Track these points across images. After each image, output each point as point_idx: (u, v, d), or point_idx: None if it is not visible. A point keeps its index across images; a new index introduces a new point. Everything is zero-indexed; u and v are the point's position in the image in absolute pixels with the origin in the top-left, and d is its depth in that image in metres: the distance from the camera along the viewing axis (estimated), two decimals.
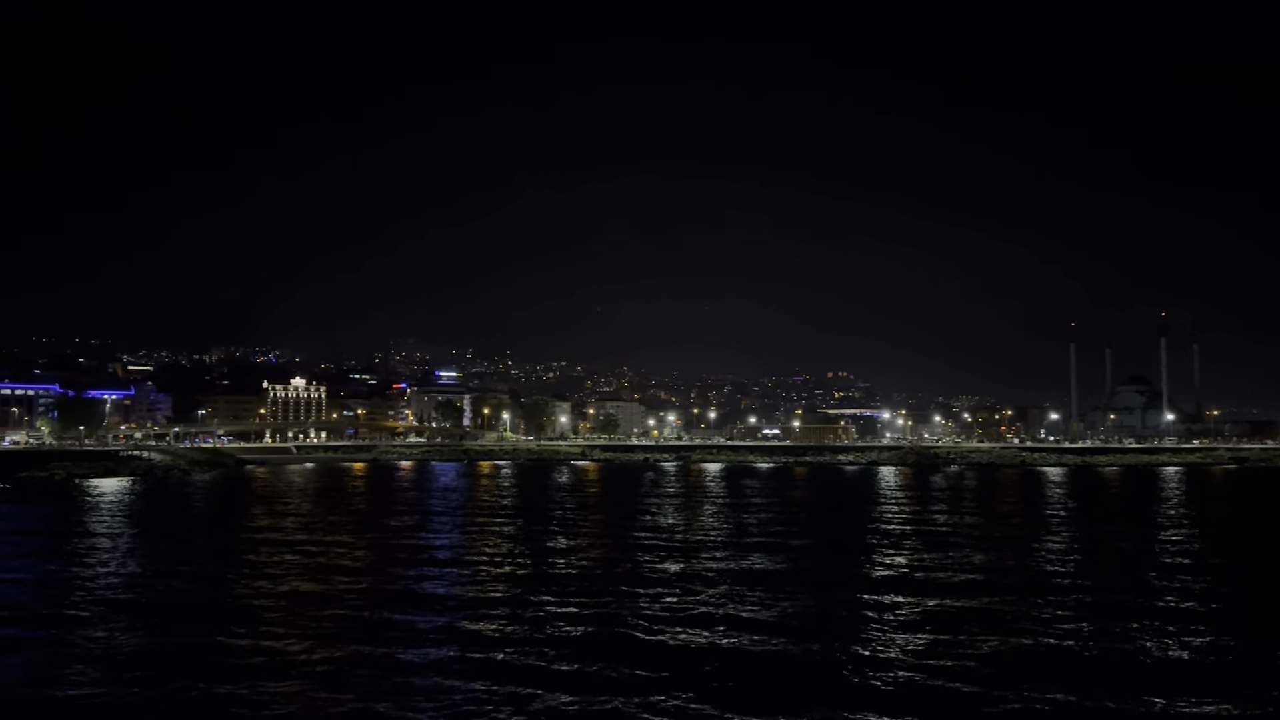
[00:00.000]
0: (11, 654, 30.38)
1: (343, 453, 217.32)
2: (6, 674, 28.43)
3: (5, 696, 26.17)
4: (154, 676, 27.81)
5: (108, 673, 28.40)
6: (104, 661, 29.59)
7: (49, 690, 26.52)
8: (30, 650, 30.94)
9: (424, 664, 28.98)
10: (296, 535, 63.93)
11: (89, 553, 54.98)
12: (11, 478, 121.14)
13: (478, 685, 26.65)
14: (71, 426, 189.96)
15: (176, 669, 28.51)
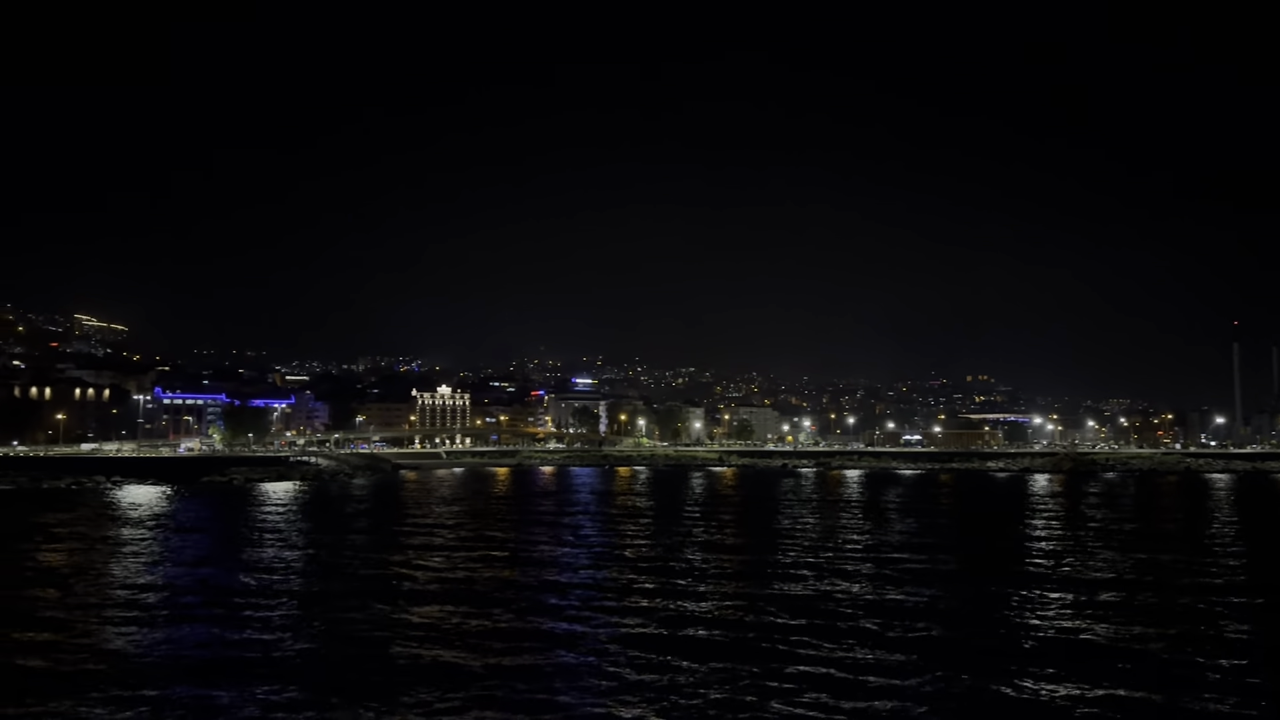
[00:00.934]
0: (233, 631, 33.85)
1: (488, 458, 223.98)
2: (204, 642, 32.90)
3: (199, 659, 30.49)
4: (323, 652, 31.72)
5: (294, 643, 32.84)
6: (293, 633, 34.30)
7: (231, 654, 31.20)
8: (234, 627, 34.51)
9: (569, 661, 30.39)
10: (458, 532, 68.02)
11: (276, 546, 59.31)
12: (195, 483, 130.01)
13: (618, 677, 28.25)
14: (240, 434, 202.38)
15: (346, 645, 32.47)
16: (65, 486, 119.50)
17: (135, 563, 53.36)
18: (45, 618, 37.10)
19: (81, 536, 67.08)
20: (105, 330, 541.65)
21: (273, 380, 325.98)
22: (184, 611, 38.37)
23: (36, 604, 40.20)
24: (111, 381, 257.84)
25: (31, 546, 60.74)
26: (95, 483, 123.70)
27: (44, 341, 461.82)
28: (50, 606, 39.62)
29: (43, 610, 38.64)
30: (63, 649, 31.75)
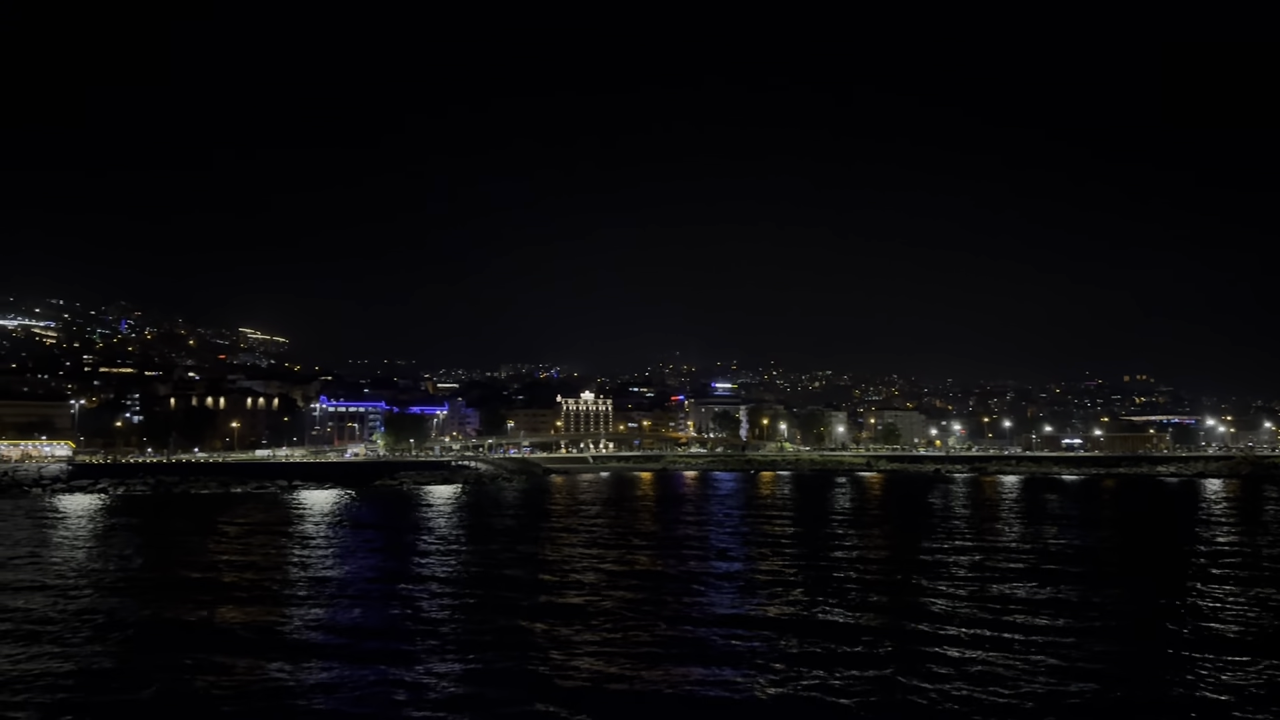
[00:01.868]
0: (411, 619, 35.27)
1: (633, 462, 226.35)
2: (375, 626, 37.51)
3: (380, 636, 35.82)
4: (484, 638, 34.24)
5: (459, 630, 36.83)
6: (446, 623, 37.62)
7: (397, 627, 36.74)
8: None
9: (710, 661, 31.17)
10: (617, 531, 71.44)
11: (451, 544, 62.34)
12: (368, 486, 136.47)
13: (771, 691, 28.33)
14: (402, 439, 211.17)
15: (506, 633, 35.72)
16: (252, 490, 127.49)
17: (326, 557, 57.32)
18: (260, 598, 42.87)
19: (277, 534, 71.63)
20: (268, 342, 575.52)
21: (425, 388, 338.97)
22: (372, 596, 43.57)
23: (251, 588, 44.22)
24: (279, 391, 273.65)
25: (239, 543, 65.15)
26: (278, 487, 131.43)
27: (213, 354, 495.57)
28: (260, 589, 44.50)
29: (257, 591, 43.74)
30: (280, 623, 37.46)
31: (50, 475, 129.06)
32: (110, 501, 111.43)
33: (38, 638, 35.26)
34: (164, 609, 41.11)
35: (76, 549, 63.80)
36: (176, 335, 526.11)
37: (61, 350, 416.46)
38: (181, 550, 62.96)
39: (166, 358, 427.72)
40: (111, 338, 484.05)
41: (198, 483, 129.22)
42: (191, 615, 39.78)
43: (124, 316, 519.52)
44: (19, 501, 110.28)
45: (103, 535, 73.25)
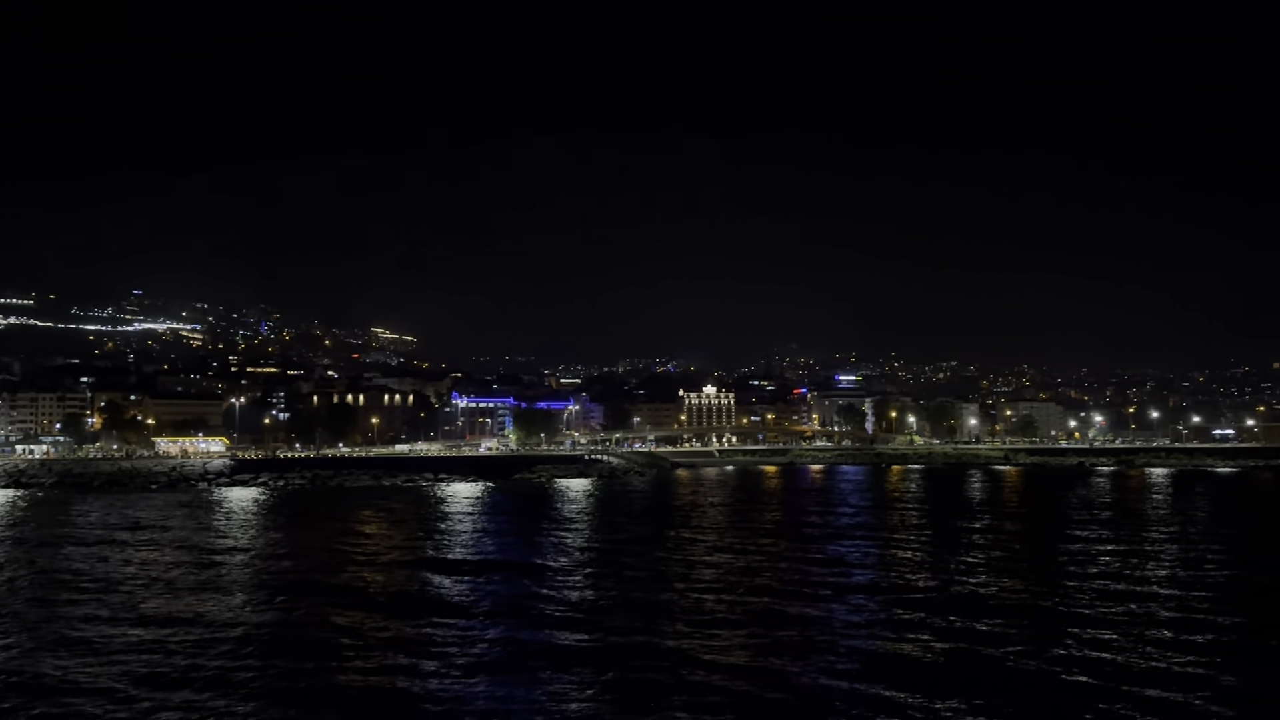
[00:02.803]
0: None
1: (759, 456, 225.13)
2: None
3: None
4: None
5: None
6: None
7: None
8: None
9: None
10: (750, 524, 71.63)
11: (593, 532, 62.51)
12: (508, 479, 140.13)
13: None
14: (533, 434, 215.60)
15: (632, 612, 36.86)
16: (401, 484, 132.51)
17: (488, 544, 59.29)
18: (435, 577, 44.67)
19: (436, 522, 74.50)
20: (397, 341, 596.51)
21: (548, 384, 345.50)
22: (530, 579, 45.55)
23: (426, 568, 46.01)
24: (413, 388, 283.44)
25: (402, 530, 67.78)
26: (425, 480, 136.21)
27: (347, 353, 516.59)
28: (435, 570, 45.93)
29: (436, 571, 44.88)
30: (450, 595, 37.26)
31: (214, 470, 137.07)
32: (270, 494, 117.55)
33: (244, 603, 37.72)
34: (363, 584, 43.30)
35: (257, 532, 67.73)
36: (313, 336, 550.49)
37: (207, 351, 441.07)
38: (357, 538, 66.04)
39: (304, 357, 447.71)
40: (253, 339, 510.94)
41: (350, 476, 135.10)
42: (373, 593, 41.87)
43: (264, 319, 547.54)
44: (187, 494, 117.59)
45: (292, 523, 77.39)
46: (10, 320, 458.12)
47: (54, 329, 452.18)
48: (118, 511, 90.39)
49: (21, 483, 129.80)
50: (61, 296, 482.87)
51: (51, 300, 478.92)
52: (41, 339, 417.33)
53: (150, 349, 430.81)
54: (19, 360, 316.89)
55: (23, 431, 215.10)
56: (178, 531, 72.56)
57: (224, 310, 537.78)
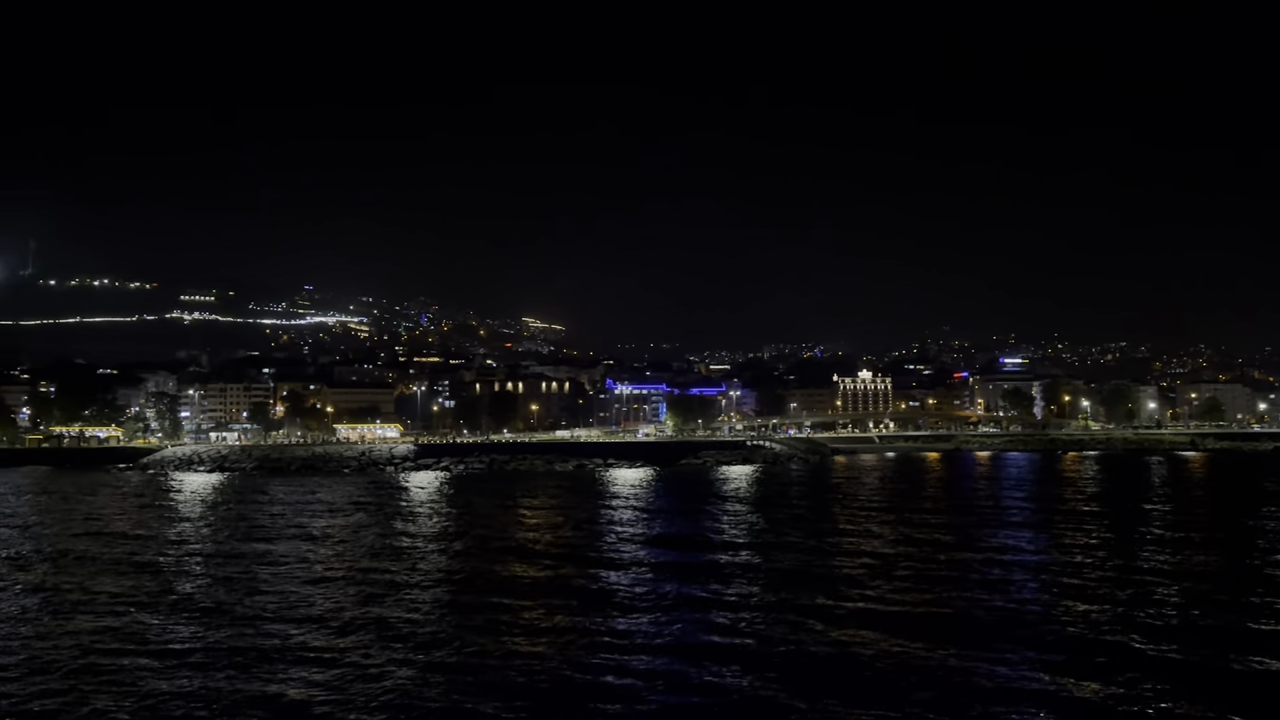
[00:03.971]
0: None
1: (921, 442, 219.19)
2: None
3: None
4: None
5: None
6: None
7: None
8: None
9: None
10: (921, 514, 68.81)
11: (776, 519, 61.59)
12: (674, 465, 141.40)
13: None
14: (690, 420, 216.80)
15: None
16: (572, 469, 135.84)
17: (671, 525, 58.95)
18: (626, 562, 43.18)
19: (616, 505, 75.65)
20: (547, 330, 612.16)
21: (698, 370, 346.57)
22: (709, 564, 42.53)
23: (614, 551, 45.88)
24: (568, 376, 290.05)
25: (586, 513, 69.29)
26: (594, 465, 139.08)
27: (500, 342, 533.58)
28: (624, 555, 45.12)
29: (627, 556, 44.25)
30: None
31: (400, 455, 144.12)
32: (452, 477, 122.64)
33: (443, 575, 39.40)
34: (550, 570, 44.59)
35: (448, 512, 70.79)
36: (469, 326, 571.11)
37: (374, 343, 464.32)
38: (545, 519, 68.12)
39: (462, 347, 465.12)
40: (414, 330, 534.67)
41: (524, 461, 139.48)
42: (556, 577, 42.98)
43: (423, 310, 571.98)
44: (376, 477, 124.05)
45: (480, 503, 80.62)
46: (194, 316, 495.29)
47: (234, 324, 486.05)
48: (323, 492, 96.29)
49: (225, 467, 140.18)
50: (240, 293, 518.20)
51: (231, 297, 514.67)
52: (223, 333, 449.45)
53: (322, 341, 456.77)
54: (206, 353, 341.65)
55: (214, 419, 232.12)
56: (375, 511, 76.60)
57: (387, 303, 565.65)
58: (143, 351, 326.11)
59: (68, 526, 67.79)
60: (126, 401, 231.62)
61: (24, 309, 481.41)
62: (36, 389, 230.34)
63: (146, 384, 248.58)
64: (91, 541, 59.07)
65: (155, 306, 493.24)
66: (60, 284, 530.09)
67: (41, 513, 78.93)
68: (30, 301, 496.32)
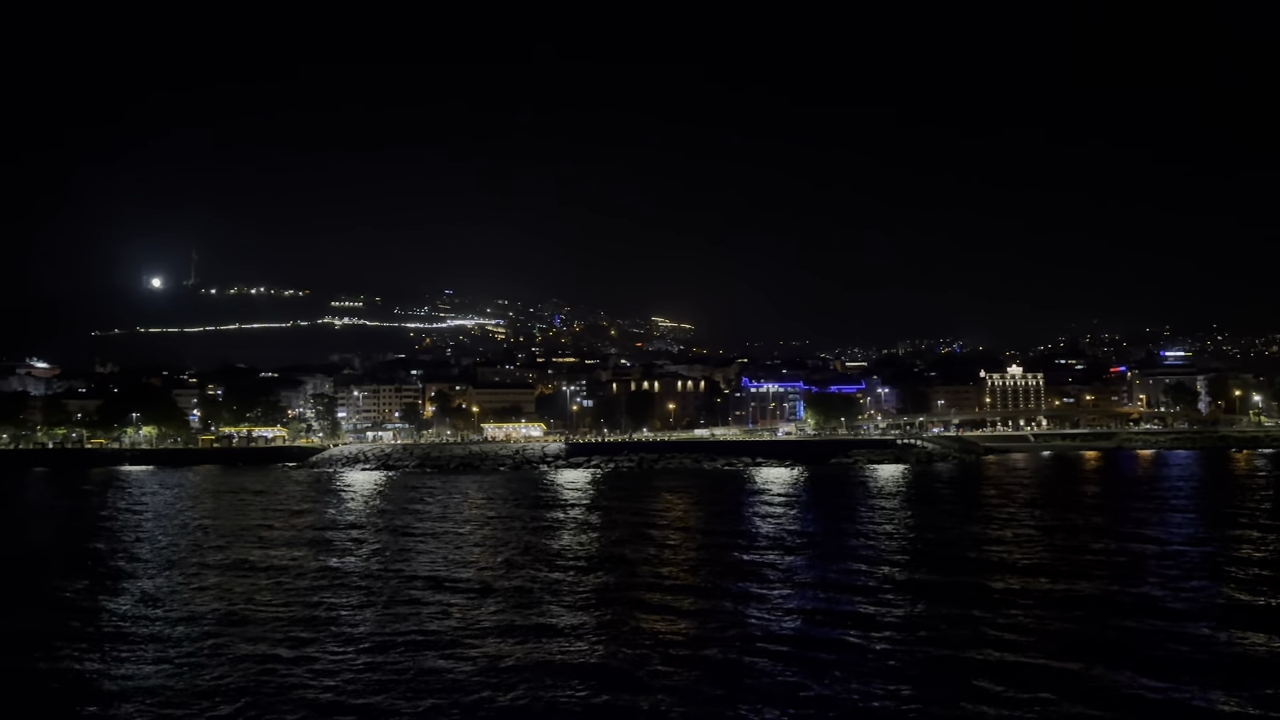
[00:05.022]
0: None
1: (1080, 440, 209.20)
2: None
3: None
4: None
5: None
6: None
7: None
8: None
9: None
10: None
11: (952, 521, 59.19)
12: (824, 464, 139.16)
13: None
14: (831, 418, 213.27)
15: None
16: (721, 467, 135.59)
17: (841, 526, 57.46)
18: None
19: (779, 505, 74.64)
20: (676, 330, 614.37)
21: (833, 368, 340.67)
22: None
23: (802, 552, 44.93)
24: (702, 375, 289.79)
25: (749, 511, 68.71)
26: (741, 463, 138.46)
27: (631, 342, 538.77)
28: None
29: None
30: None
31: (552, 453, 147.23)
32: (602, 475, 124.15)
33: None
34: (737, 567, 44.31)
35: (605, 508, 71.61)
36: (599, 326, 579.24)
37: (510, 344, 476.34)
38: (706, 517, 68.05)
39: (594, 347, 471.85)
40: (547, 331, 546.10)
41: (672, 459, 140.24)
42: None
43: (556, 312, 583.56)
44: (530, 475, 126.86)
45: (637, 500, 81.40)
46: (344, 321, 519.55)
47: (380, 328, 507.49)
48: (486, 488, 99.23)
49: (389, 464, 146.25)
50: (385, 299, 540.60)
51: (377, 302, 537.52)
52: (371, 337, 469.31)
53: (462, 343, 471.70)
54: (357, 356, 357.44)
55: (369, 419, 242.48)
56: (546, 506, 78.27)
57: (522, 305, 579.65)
58: (297, 356, 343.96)
59: (270, 519, 72.30)
60: (287, 403, 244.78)
61: (188, 317, 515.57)
62: (205, 392, 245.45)
63: (305, 386, 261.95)
64: (296, 532, 62.82)
65: (308, 313, 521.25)
66: (221, 293, 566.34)
67: (241, 507, 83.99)
68: (193, 310, 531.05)
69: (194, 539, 61.46)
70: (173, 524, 71.14)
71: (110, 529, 69.04)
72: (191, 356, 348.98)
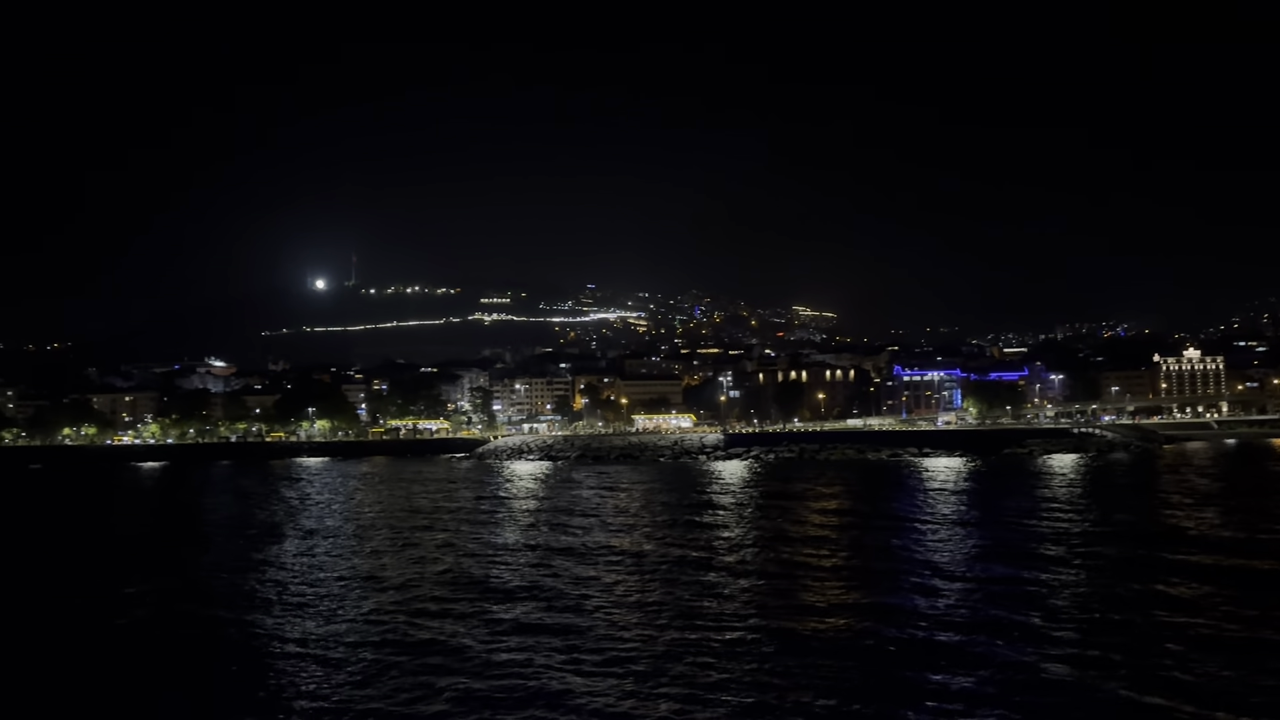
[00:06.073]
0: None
1: (1268, 427, 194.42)
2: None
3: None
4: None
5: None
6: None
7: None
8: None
9: None
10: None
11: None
12: (997, 454, 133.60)
13: None
14: (995, 407, 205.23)
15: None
16: (886, 458, 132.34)
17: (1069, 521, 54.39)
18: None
19: (972, 495, 71.89)
20: (818, 318, 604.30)
21: (991, 354, 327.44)
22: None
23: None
24: (851, 363, 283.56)
25: (949, 505, 66.34)
26: (909, 454, 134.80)
27: (772, 331, 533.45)
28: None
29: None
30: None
31: (710, 444, 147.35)
32: (763, 466, 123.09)
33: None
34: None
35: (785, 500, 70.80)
36: (739, 316, 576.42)
37: (651, 336, 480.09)
38: (888, 508, 66.26)
39: (734, 337, 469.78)
40: (688, 322, 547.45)
41: (835, 450, 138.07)
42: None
43: (696, 303, 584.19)
44: (692, 465, 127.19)
45: (814, 493, 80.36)
46: (493, 317, 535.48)
47: (527, 323, 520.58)
48: (653, 479, 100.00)
49: (552, 455, 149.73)
50: (530, 294, 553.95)
51: (523, 298, 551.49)
52: (518, 332, 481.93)
53: (605, 336, 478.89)
54: (508, 350, 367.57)
55: (523, 412, 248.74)
56: (719, 495, 78.20)
57: (662, 298, 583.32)
58: (449, 351, 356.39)
59: (458, 502, 75.46)
60: (446, 396, 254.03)
61: (350, 316, 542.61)
62: (370, 387, 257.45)
63: (462, 380, 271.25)
64: (524, 515, 66.81)
65: (459, 309, 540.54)
66: (379, 293, 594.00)
67: (449, 492, 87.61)
68: (354, 309, 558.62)
69: (438, 521, 66.67)
70: (399, 509, 75.91)
71: (364, 514, 73.50)
72: (355, 353, 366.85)
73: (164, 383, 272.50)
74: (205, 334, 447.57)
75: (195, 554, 55.12)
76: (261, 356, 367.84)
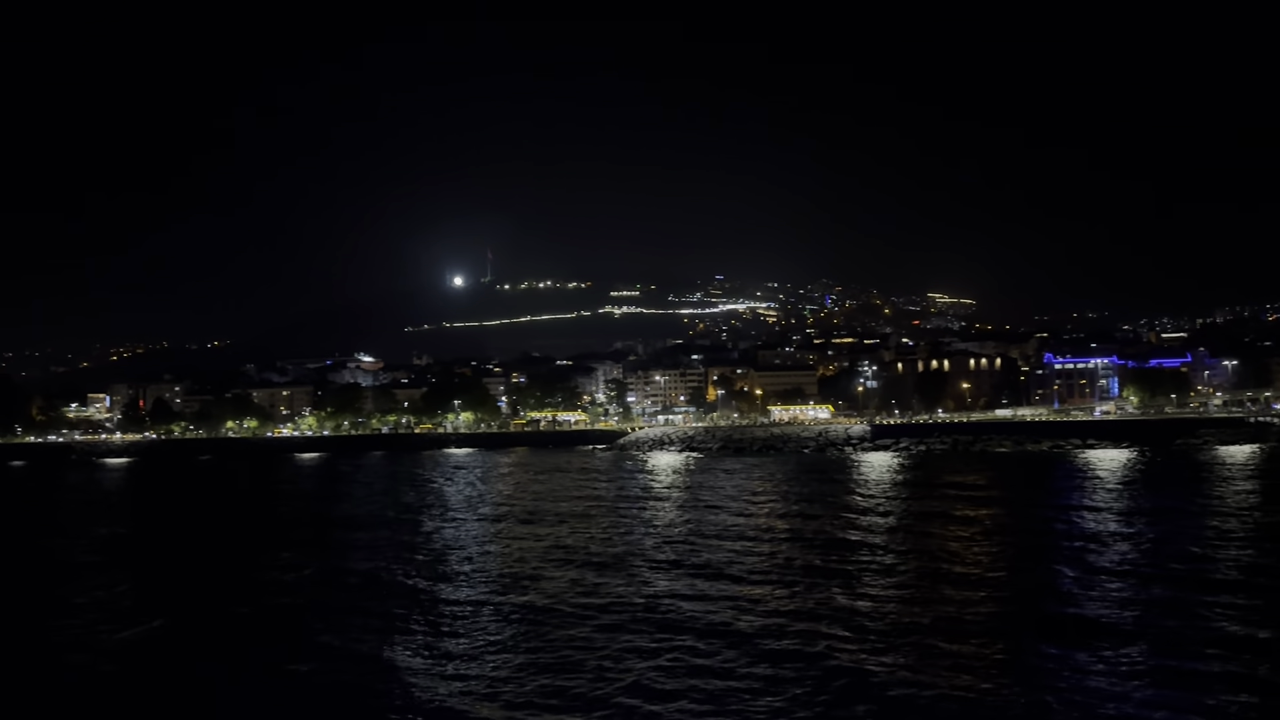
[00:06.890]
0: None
1: None
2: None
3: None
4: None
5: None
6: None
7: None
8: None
9: None
10: None
11: None
12: (1165, 445, 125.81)
13: None
14: (1157, 395, 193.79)
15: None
16: (1047, 449, 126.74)
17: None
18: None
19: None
20: (955, 305, 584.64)
21: (1148, 339, 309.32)
22: None
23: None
24: (996, 351, 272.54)
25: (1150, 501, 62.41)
26: (1070, 445, 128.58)
27: (907, 319, 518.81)
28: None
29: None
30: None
31: (856, 435, 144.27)
32: (913, 458, 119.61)
33: None
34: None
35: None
36: (872, 305, 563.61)
37: (782, 326, 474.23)
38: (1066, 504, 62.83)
39: (867, 326, 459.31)
40: (819, 312, 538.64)
41: (990, 441, 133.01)
42: None
43: (827, 292, 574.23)
44: (838, 457, 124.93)
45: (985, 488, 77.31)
46: (623, 310, 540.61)
47: (656, 315, 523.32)
48: (803, 470, 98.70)
49: (693, 447, 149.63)
50: (659, 287, 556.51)
51: (652, 290, 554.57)
52: (648, 324, 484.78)
53: (735, 327, 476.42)
54: (639, 342, 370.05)
55: (658, 403, 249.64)
56: (891, 489, 76.12)
57: (791, 287, 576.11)
58: (581, 344, 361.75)
59: (640, 494, 76.93)
60: (582, 388, 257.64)
61: (486, 311, 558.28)
62: (509, 380, 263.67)
63: (596, 373, 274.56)
64: (683, 503, 66.38)
65: (590, 303, 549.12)
66: (513, 288, 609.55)
67: (614, 482, 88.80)
68: (490, 304, 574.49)
69: (612, 507, 69.43)
70: (564, 496, 78.58)
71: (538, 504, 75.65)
72: (492, 347, 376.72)
73: (317, 377, 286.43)
74: (353, 331, 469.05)
75: (406, 533, 59.96)
76: (405, 351, 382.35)
